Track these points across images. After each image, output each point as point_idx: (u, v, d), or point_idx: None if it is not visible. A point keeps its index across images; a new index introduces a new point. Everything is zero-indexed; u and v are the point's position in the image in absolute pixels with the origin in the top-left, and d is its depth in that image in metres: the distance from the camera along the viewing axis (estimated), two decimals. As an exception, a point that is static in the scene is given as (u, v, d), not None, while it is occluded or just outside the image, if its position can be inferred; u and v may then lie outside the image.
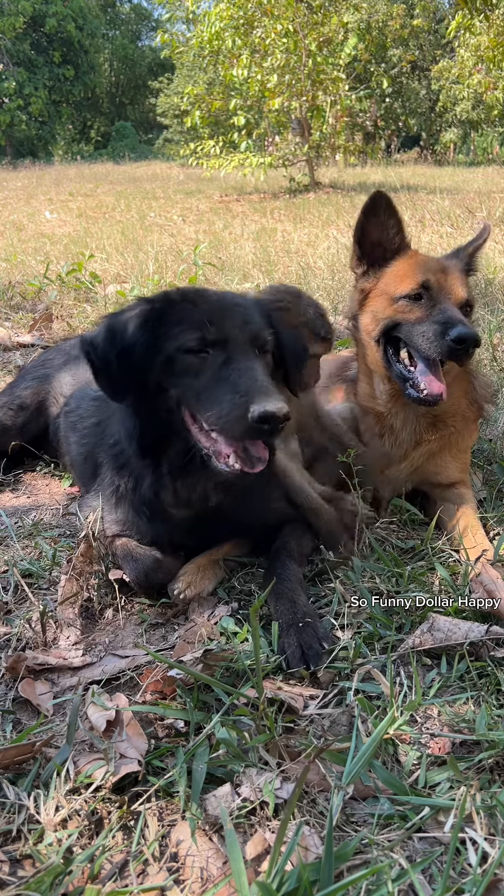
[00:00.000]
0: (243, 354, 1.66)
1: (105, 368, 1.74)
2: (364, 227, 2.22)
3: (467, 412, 2.25)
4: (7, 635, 1.69)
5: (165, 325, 1.69)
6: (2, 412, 2.66)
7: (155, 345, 1.69)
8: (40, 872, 1.07)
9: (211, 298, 1.77)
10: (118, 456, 1.94)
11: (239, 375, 1.60)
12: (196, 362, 1.66)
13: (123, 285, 5.50)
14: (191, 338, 1.65)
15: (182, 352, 1.66)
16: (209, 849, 1.13)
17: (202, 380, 1.64)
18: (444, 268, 2.14)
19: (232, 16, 14.60)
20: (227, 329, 1.67)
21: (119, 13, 57.96)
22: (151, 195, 15.53)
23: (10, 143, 40.45)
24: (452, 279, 2.12)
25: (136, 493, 1.89)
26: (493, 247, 6.53)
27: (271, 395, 1.54)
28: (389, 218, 2.20)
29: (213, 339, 1.65)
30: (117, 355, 1.70)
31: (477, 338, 1.93)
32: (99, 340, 1.73)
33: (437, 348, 1.96)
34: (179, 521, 1.90)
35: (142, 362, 1.69)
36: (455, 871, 1.09)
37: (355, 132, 30.36)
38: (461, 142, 38.41)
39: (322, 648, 1.57)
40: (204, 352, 1.66)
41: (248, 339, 1.70)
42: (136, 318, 1.71)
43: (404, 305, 2.08)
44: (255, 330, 1.72)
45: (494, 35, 18.53)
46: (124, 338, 1.70)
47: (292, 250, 7.22)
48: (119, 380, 1.74)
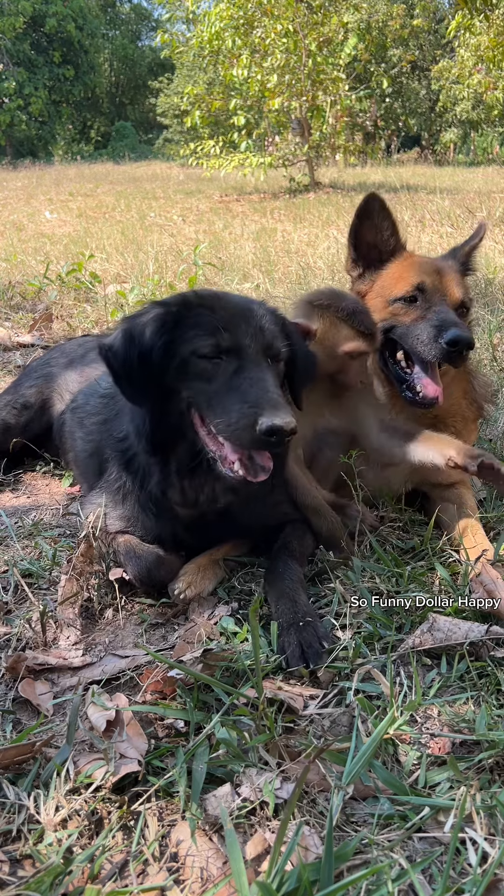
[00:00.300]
0: (256, 363, 1.66)
1: (126, 373, 1.74)
2: (358, 230, 2.22)
3: (467, 412, 2.25)
4: (7, 635, 1.69)
5: (181, 329, 1.70)
6: (5, 411, 2.66)
7: (170, 348, 1.69)
8: (40, 872, 1.07)
9: (228, 304, 1.76)
10: (126, 451, 1.94)
11: (250, 385, 1.61)
12: (209, 367, 1.66)
13: (123, 285, 5.50)
14: (205, 343, 1.66)
15: (196, 356, 1.67)
16: (209, 849, 1.13)
17: (214, 385, 1.65)
18: (440, 269, 2.14)
19: (232, 16, 14.59)
20: (241, 337, 1.67)
21: (119, 13, 57.97)
22: (151, 195, 15.53)
23: (10, 143, 40.46)
24: (447, 280, 2.12)
25: (144, 489, 1.89)
26: (493, 247, 6.53)
27: (280, 408, 1.55)
28: (384, 220, 2.20)
29: (227, 346, 1.66)
30: (137, 358, 1.71)
31: (470, 340, 1.93)
32: (118, 346, 1.73)
33: (431, 351, 1.96)
34: (185, 520, 1.90)
35: (159, 365, 1.70)
36: (455, 871, 1.09)
37: (355, 132, 30.38)
38: (461, 142, 38.41)
39: (322, 647, 1.57)
40: (218, 358, 1.66)
41: (262, 347, 1.70)
42: (153, 322, 1.72)
43: (399, 307, 2.08)
44: (269, 339, 1.72)
45: (494, 35, 18.53)
46: (142, 342, 1.71)
47: (292, 250, 7.22)
48: (140, 384, 1.74)
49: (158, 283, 5.42)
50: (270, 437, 1.52)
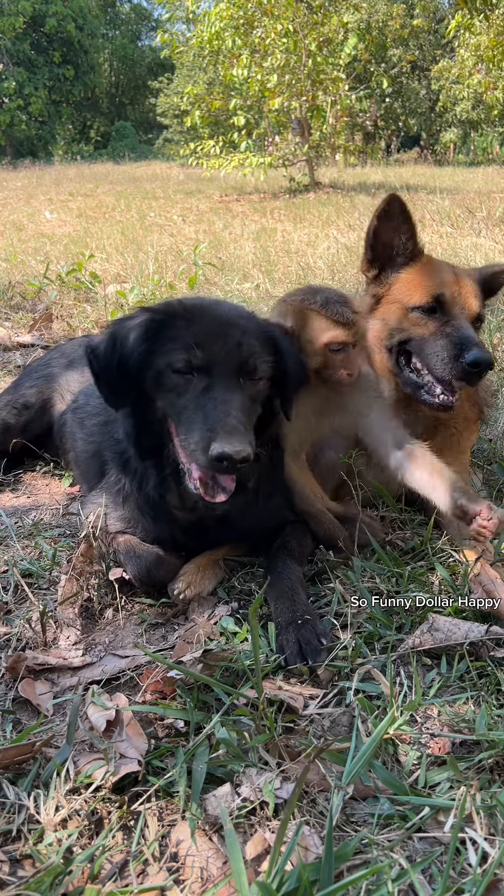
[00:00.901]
0: (224, 384, 1.63)
1: (105, 375, 1.75)
2: (377, 231, 2.15)
3: (469, 413, 2.25)
4: (7, 635, 1.69)
5: (160, 340, 1.69)
6: (5, 411, 2.66)
7: (149, 357, 1.70)
8: (40, 872, 1.07)
9: (208, 318, 1.72)
10: (124, 453, 1.95)
11: (214, 406, 1.59)
12: (181, 382, 1.65)
13: (123, 285, 5.50)
14: (178, 358, 1.64)
15: (171, 370, 1.66)
16: (209, 849, 1.13)
17: (183, 401, 1.65)
18: (459, 278, 2.09)
19: (232, 16, 14.59)
20: (214, 354, 1.64)
21: (119, 13, 57.95)
22: (151, 195, 15.53)
23: (10, 143, 40.44)
24: (466, 291, 2.07)
25: (142, 492, 1.90)
26: (493, 247, 6.54)
27: (235, 434, 1.52)
28: (403, 223, 2.14)
29: (198, 363, 1.64)
30: (117, 363, 1.72)
31: (492, 362, 1.92)
32: (101, 348, 1.74)
33: (451, 370, 1.95)
34: (183, 524, 1.90)
35: (137, 372, 1.71)
36: (455, 871, 1.09)
37: (355, 132, 30.35)
38: (461, 142, 38.42)
39: (321, 644, 1.57)
40: (189, 374, 1.65)
41: (236, 366, 1.66)
42: (137, 329, 1.72)
43: (417, 318, 2.04)
44: (245, 356, 1.67)
45: (494, 35, 18.54)
46: (125, 346, 1.71)
47: (292, 250, 7.23)
48: (117, 387, 1.76)
49: (158, 283, 5.42)
50: (221, 462, 1.52)
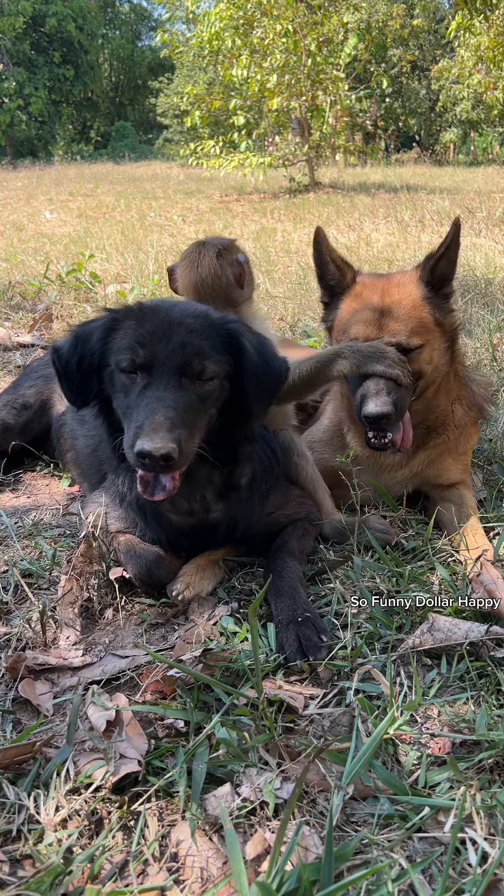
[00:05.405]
0: (163, 383, 1.61)
1: (67, 375, 1.76)
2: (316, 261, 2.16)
3: (464, 417, 2.23)
4: (7, 635, 1.70)
5: (114, 340, 1.70)
6: (4, 411, 2.66)
7: (105, 357, 1.71)
8: (40, 872, 1.07)
9: (157, 317, 1.69)
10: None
11: (147, 404, 1.58)
12: (127, 381, 1.66)
13: (123, 285, 5.50)
14: (124, 357, 1.65)
15: (118, 369, 1.67)
16: (209, 849, 1.13)
17: (128, 399, 1.65)
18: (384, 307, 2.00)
19: (232, 16, 14.59)
20: (156, 353, 1.63)
21: (119, 13, 57.91)
22: (151, 195, 15.52)
23: (10, 143, 40.46)
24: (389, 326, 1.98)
25: (133, 493, 1.89)
26: (493, 247, 6.54)
27: (158, 432, 1.51)
28: (327, 252, 2.13)
29: (140, 362, 1.63)
30: (77, 362, 1.73)
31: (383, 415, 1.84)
32: (65, 348, 1.76)
33: (360, 418, 1.94)
34: (178, 528, 1.90)
35: (97, 372, 1.73)
36: (455, 871, 1.09)
37: (355, 132, 30.34)
38: (461, 142, 38.40)
39: (321, 641, 1.57)
40: (133, 373, 1.65)
41: (178, 365, 1.63)
42: (98, 330, 1.73)
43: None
44: (188, 357, 1.64)
45: (494, 35, 18.50)
46: (85, 347, 1.73)
47: (292, 250, 7.23)
48: (78, 386, 1.76)
49: (158, 283, 5.41)
50: (143, 459, 1.51)
